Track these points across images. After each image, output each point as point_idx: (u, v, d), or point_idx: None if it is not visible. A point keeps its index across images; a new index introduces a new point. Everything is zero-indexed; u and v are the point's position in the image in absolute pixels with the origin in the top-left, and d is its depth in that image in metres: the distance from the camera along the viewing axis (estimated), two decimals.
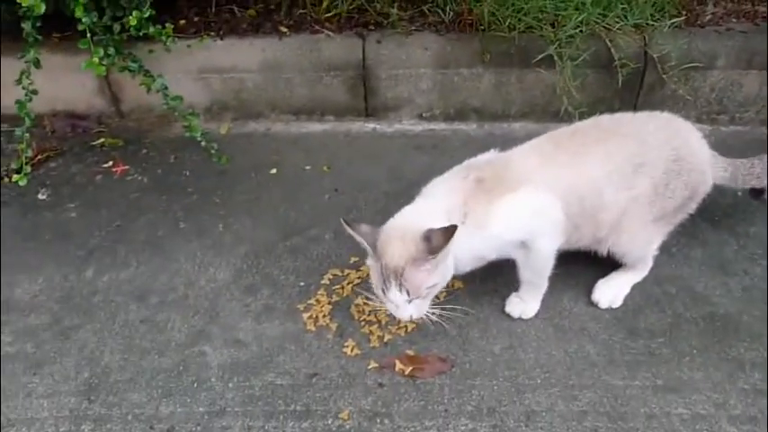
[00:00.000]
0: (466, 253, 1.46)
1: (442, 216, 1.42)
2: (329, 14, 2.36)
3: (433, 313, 1.45)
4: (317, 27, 2.35)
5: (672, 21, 2.23)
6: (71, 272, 1.83)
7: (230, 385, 1.52)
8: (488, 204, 1.43)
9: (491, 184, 1.46)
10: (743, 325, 1.61)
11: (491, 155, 1.59)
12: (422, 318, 1.45)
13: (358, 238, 1.43)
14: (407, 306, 1.40)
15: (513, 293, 1.66)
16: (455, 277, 1.56)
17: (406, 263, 1.35)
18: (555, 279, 1.62)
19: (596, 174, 1.51)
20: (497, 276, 1.63)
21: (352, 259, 1.82)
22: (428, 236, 1.34)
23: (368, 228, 1.44)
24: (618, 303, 1.67)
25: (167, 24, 2.04)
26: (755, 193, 1.79)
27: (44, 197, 2.11)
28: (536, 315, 1.64)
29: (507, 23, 2.20)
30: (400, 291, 1.37)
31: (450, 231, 1.32)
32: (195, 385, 1.52)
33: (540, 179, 1.48)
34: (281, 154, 2.28)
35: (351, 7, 2.37)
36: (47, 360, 1.59)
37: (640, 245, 1.64)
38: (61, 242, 1.93)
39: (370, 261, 1.45)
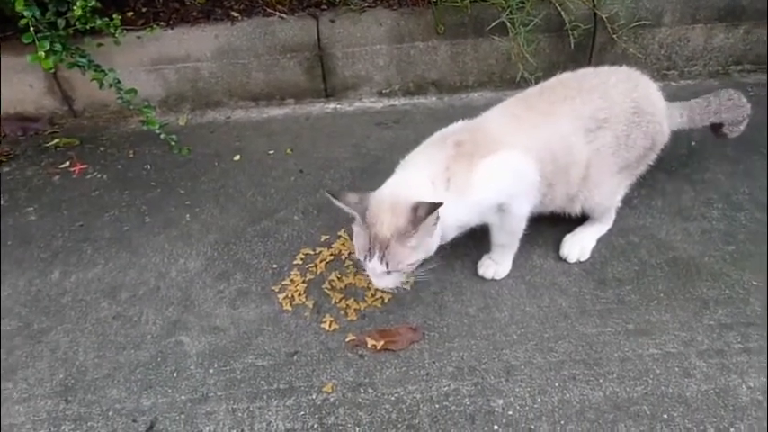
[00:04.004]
0: (451, 220, 1.47)
1: (429, 186, 1.41)
2: None
3: (407, 282, 1.45)
4: (268, 10, 2.33)
5: None
6: (36, 275, 1.78)
7: (211, 371, 1.51)
8: (469, 170, 1.44)
9: (470, 147, 1.46)
10: (704, 266, 1.67)
11: (462, 123, 1.59)
12: (396, 287, 1.46)
13: (346, 209, 1.41)
14: (385, 276, 1.41)
15: (485, 256, 1.68)
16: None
17: (392, 236, 1.35)
18: (523, 238, 1.65)
19: (567, 131, 1.54)
20: (468, 240, 1.64)
21: (323, 237, 1.83)
22: (416, 208, 1.33)
23: (355, 196, 1.41)
24: (586, 256, 1.71)
25: (114, 16, 1.99)
26: (715, 128, 1.85)
27: (0, 203, 2.05)
28: (508, 274, 1.67)
29: None
30: (381, 262, 1.37)
31: (435, 206, 1.31)
32: (175, 375, 1.51)
33: (516, 141, 1.49)
34: (243, 140, 2.26)
35: None
36: (19, 365, 1.55)
37: (608, 196, 1.68)
38: (23, 246, 1.88)
39: (356, 228, 1.43)
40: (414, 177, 1.45)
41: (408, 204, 1.34)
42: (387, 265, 1.37)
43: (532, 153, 1.50)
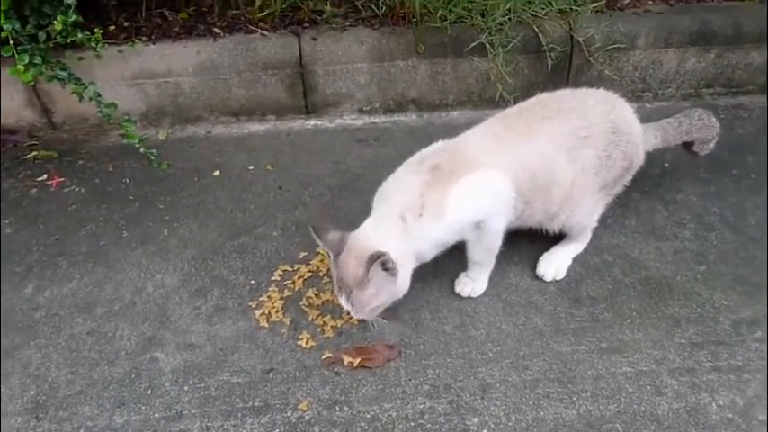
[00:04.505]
0: (428, 244, 1.51)
1: (396, 226, 1.46)
2: (263, 14, 2.36)
3: (379, 322, 1.55)
4: (251, 27, 2.35)
5: (593, 5, 2.34)
6: (9, 289, 1.76)
7: (185, 388, 1.49)
8: (445, 192, 1.47)
9: (446, 169, 1.49)
10: (676, 285, 1.70)
11: (441, 143, 1.62)
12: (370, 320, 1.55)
13: (323, 247, 1.50)
14: (358, 312, 1.49)
15: (462, 273, 1.70)
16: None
17: (353, 283, 1.43)
18: (500, 257, 1.67)
19: (546, 149, 1.57)
20: (445, 258, 1.66)
21: (302, 254, 1.83)
22: (371, 258, 1.39)
23: (335, 235, 1.49)
24: (562, 275, 1.73)
25: (96, 30, 1.99)
26: (686, 145, 1.90)
27: None
28: (484, 292, 1.69)
29: (439, 14, 2.25)
30: (347, 303, 1.46)
31: (378, 256, 1.37)
32: (149, 392, 1.49)
33: (493, 160, 1.52)
34: (223, 156, 2.26)
35: (284, 6, 2.37)
36: None
37: (587, 215, 1.71)
38: None
39: (331, 263, 1.51)
40: (383, 216, 1.50)
41: (366, 254, 1.40)
42: (352, 306, 1.46)
43: (510, 172, 1.52)
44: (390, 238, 1.45)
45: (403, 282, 1.49)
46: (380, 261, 1.38)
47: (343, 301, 1.47)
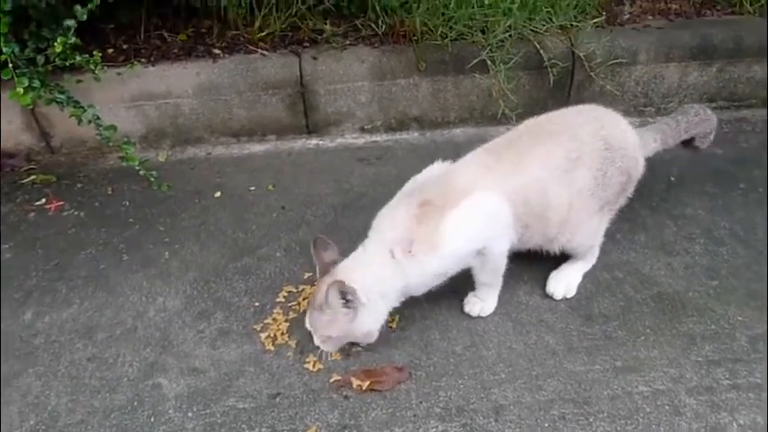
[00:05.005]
0: (420, 278, 1.50)
1: (384, 258, 1.46)
2: (262, 34, 2.35)
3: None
4: (250, 47, 2.34)
5: (594, 20, 2.35)
6: (8, 315, 1.72)
7: (190, 415, 1.45)
8: (435, 225, 1.45)
9: (437, 203, 1.47)
10: (689, 301, 1.68)
11: (436, 168, 1.61)
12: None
13: (315, 260, 1.55)
14: (315, 336, 1.52)
15: (471, 293, 1.67)
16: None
17: (316, 305, 1.47)
18: (509, 275, 1.64)
19: (538, 175, 1.54)
20: (453, 277, 1.63)
21: (306, 275, 1.80)
22: (331, 285, 1.41)
23: (331, 257, 1.54)
24: (572, 293, 1.70)
25: (94, 53, 1.97)
26: (687, 143, 1.88)
27: None
28: (494, 312, 1.66)
29: (439, 32, 2.25)
30: (308, 320, 1.51)
31: (337, 288, 1.40)
32: (152, 420, 1.45)
33: (486, 186, 1.50)
34: (224, 177, 2.24)
35: (284, 25, 2.37)
36: None
37: (589, 236, 1.68)
38: None
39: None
40: (371, 251, 1.50)
41: (330, 281, 1.42)
42: (310, 325, 1.50)
43: (504, 196, 1.50)
44: (373, 273, 1.46)
45: (363, 322, 1.47)
46: (339, 290, 1.39)
47: (306, 318, 1.50)
